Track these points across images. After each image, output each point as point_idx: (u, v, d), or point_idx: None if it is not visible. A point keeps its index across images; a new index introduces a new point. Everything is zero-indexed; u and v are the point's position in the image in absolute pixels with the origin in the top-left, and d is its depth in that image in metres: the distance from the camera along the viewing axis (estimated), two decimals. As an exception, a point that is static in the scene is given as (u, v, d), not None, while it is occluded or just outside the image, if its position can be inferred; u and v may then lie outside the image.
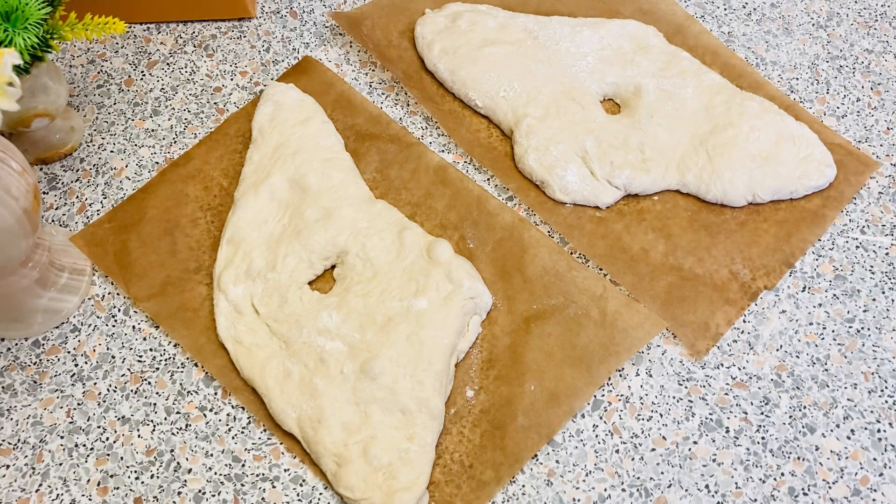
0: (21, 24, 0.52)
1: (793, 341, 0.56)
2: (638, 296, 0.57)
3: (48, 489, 0.51)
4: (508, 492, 0.51)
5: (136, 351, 0.56)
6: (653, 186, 0.60)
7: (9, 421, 0.53)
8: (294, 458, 0.52)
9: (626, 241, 0.59)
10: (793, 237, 0.59)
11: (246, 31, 0.70)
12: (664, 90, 0.64)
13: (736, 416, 0.53)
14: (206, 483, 0.51)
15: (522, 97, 0.63)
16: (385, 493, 0.48)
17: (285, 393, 0.51)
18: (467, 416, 0.53)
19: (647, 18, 0.70)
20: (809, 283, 0.58)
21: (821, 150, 0.62)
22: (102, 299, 0.58)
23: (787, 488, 0.51)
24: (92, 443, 0.52)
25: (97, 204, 0.61)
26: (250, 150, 0.61)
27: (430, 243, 0.56)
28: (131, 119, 0.65)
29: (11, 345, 0.56)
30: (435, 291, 0.54)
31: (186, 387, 0.54)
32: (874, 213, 0.61)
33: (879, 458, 0.52)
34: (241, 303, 0.55)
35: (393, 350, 0.52)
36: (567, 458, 0.52)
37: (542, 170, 0.60)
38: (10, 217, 0.46)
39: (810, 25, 0.71)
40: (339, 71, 0.68)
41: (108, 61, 0.69)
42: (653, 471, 0.52)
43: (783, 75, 0.68)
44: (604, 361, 0.53)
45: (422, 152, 0.62)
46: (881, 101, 0.67)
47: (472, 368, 0.54)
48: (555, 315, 0.55)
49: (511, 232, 0.58)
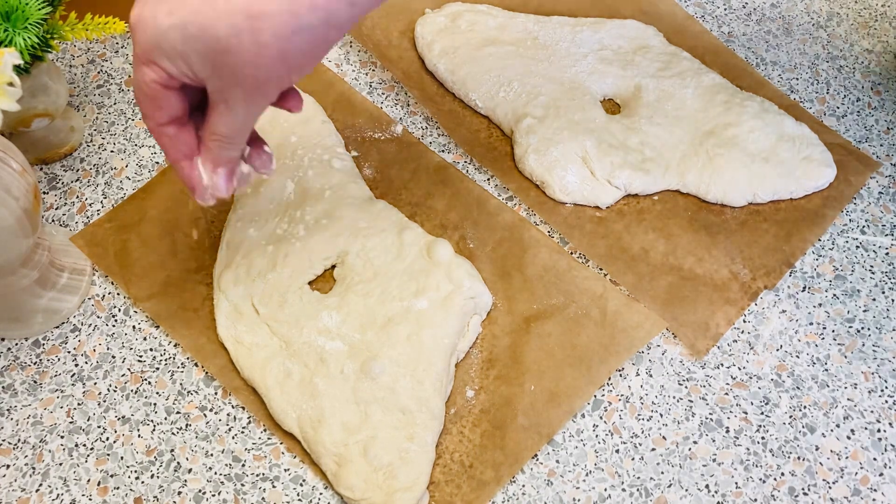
0: (21, 24, 0.52)
1: (793, 341, 0.56)
2: (638, 296, 0.57)
3: (48, 489, 0.51)
4: (508, 492, 0.51)
5: (137, 351, 0.56)
6: (653, 186, 0.60)
7: (9, 421, 0.53)
8: (294, 458, 0.52)
9: (626, 241, 0.59)
10: (793, 237, 0.59)
11: (246, 31, 0.70)
12: (664, 90, 0.64)
13: (736, 416, 0.53)
14: (206, 483, 0.51)
15: (522, 97, 0.63)
16: (385, 493, 0.48)
17: (285, 393, 0.51)
18: (467, 416, 0.53)
19: (647, 18, 0.70)
20: (809, 283, 0.58)
21: (821, 150, 0.62)
22: (102, 299, 0.58)
23: (787, 488, 0.51)
24: (92, 443, 0.52)
25: (97, 204, 0.61)
26: (250, 150, 0.61)
27: (431, 243, 0.56)
28: (131, 119, 0.65)
29: (11, 345, 0.56)
30: (435, 291, 0.54)
31: (186, 387, 0.54)
32: (874, 213, 0.61)
33: (879, 458, 0.52)
34: (241, 303, 0.55)
35: (393, 350, 0.52)
36: (567, 457, 0.52)
37: (542, 170, 0.60)
38: (10, 217, 0.46)
39: (810, 25, 0.71)
40: (339, 71, 0.68)
41: (108, 61, 0.69)
42: (653, 471, 0.52)
43: (783, 75, 0.68)
44: (604, 361, 0.53)
45: (422, 152, 0.62)
46: (881, 101, 0.67)
47: (472, 368, 0.54)
48: (555, 315, 0.55)
49: (511, 232, 0.58)
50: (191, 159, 0.44)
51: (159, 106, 0.41)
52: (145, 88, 0.40)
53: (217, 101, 0.40)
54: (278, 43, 0.37)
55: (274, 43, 0.37)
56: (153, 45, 0.38)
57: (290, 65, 0.38)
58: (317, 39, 0.38)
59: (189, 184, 0.45)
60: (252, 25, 0.36)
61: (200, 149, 0.44)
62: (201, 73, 0.38)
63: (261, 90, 0.39)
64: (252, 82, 0.38)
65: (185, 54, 0.38)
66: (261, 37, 0.36)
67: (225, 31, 0.36)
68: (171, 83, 0.40)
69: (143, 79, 0.40)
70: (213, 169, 0.44)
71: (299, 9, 0.36)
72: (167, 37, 0.37)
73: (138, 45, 0.39)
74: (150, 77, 0.39)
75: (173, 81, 0.40)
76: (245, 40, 0.36)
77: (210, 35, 0.36)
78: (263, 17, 0.36)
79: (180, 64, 0.38)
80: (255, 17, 0.36)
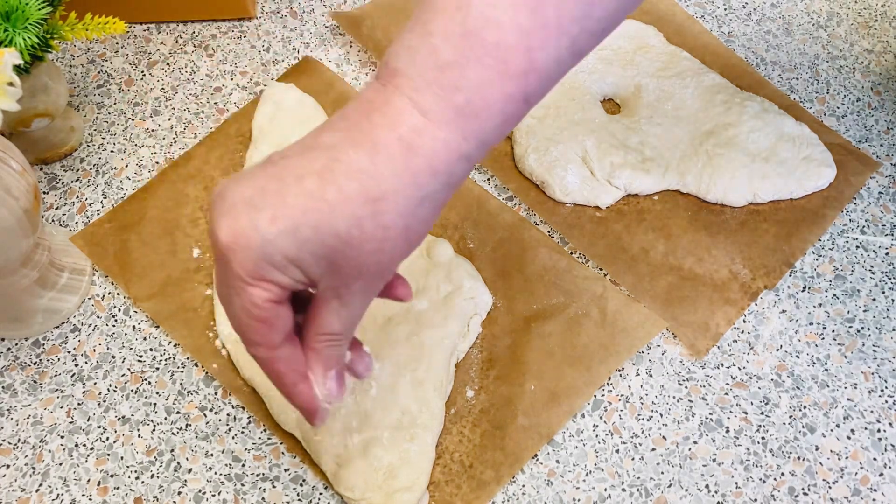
0: (21, 24, 0.52)
1: (793, 341, 0.56)
2: (638, 296, 0.57)
3: (48, 489, 0.51)
4: (508, 492, 0.51)
5: (137, 351, 0.56)
6: (653, 186, 0.60)
7: (9, 421, 0.53)
8: (294, 458, 0.52)
9: (626, 241, 0.59)
10: (793, 237, 0.59)
11: (246, 31, 0.70)
12: (664, 90, 0.64)
13: (736, 416, 0.53)
14: (206, 483, 0.51)
15: (522, 97, 0.63)
16: (385, 493, 0.48)
17: (285, 393, 0.51)
18: (467, 416, 0.53)
19: (647, 18, 0.70)
20: (809, 283, 0.58)
21: (821, 150, 0.62)
22: (102, 299, 0.58)
23: (787, 488, 0.51)
24: (92, 443, 0.52)
25: (97, 204, 0.61)
26: (250, 149, 0.61)
27: (430, 243, 0.56)
28: (131, 119, 0.65)
29: (11, 345, 0.56)
30: (435, 291, 0.54)
31: (186, 387, 0.54)
32: (874, 213, 0.61)
33: (879, 458, 0.52)
34: (241, 303, 0.55)
35: (393, 350, 0.52)
36: (567, 457, 0.52)
37: (542, 170, 0.60)
38: (10, 217, 0.46)
39: (810, 25, 0.71)
40: (339, 71, 0.68)
41: (108, 61, 0.69)
42: (653, 471, 0.52)
43: (783, 75, 0.68)
44: (604, 361, 0.53)
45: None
46: (881, 101, 0.67)
47: (472, 368, 0.54)
48: (555, 315, 0.55)
49: (511, 232, 0.58)
50: (307, 378, 0.38)
51: (273, 327, 0.35)
52: (256, 312, 0.34)
53: (329, 298, 0.35)
54: (403, 220, 0.33)
55: (399, 222, 0.33)
56: (261, 260, 0.33)
57: (411, 239, 0.35)
58: (438, 205, 0.34)
59: (310, 407, 0.38)
60: (374, 209, 0.32)
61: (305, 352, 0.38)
62: (315, 275, 0.34)
63: (382, 275, 0.35)
64: (374, 269, 0.34)
65: (299, 260, 0.33)
66: (385, 219, 0.33)
67: (345, 224, 0.32)
68: (283, 297, 0.35)
69: (253, 301, 0.34)
70: (324, 373, 0.38)
71: (420, 179, 0.33)
72: (276, 246, 0.32)
73: (240, 264, 0.33)
74: (263, 297, 0.34)
75: (285, 294, 0.34)
76: (367, 227, 0.32)
77: (327, 232, 0.32)
78: (386, 198, 0.32)
79: (294, 272, 0.33)
80: (376, 200, 0.32)
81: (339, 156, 0.33)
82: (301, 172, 0.33)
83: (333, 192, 0.32)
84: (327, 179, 0.32)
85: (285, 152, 0.34)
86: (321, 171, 0.32)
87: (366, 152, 0.32)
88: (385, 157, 0.32)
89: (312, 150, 0.33)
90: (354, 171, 0.32)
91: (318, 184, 0.32)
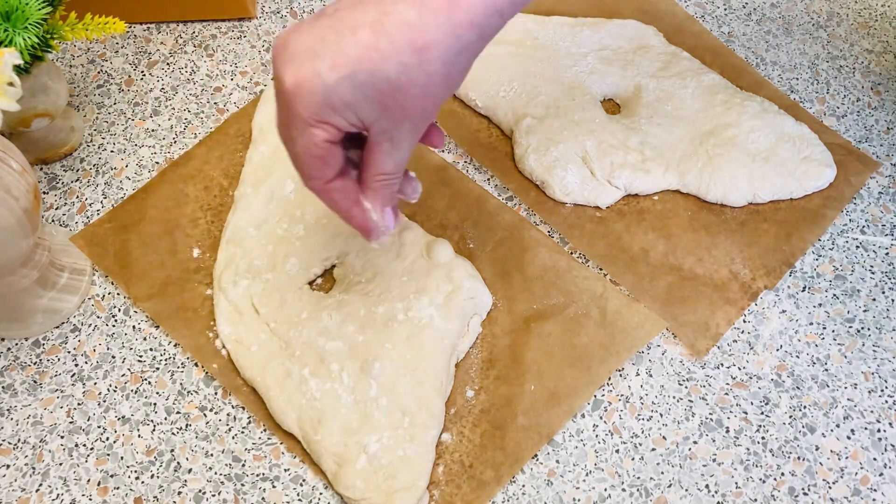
0: (21, 24, 0.52)
1: (793, 341, 0.56)
2: (638, 296, 0.57)
3: (48, 489, 0.51)
4: (508, 492, 0.51)
5: (137, 351, 0.56)
6: (653, 186, 0.60)
7: (9, 421, 0.53)
8: (294, 457, 0.52)
9: (626, 241, 0.59)
10: (793, 237, 0.59)
11: (246, 31, 0.70)
12: (664, 90, 0.64)
13: (736, 416, 0.53)
14: (206, 483, 0.51)
15: (522, 97, 0.63)
16: (385, 493, 0.48)
17: (285, 393, 0.51)
18: (467, 416, 0.53)
19: (647, 18, 0.70)
20: (809, 283, 0.58)
21: (821, 150, 0.62)
22: (102, 299, 0.58)
23: (787, 488, 0.51)
24: (92, 443, 0.52)
25: (97, 204, 0.61)
26: (250, 150, 0.61)
27: (431, 243, 0.56)
28: (131, 119, 0.65)
29: (11, 345, 0.56)
30: (435, 291, 0.54)
31: (186, 387, 0.54)
32: (874, 213, 0.61)
33: (879, 458, 0.52)
34: (241, 303, 0.55)
35: (393, 350, 0.52)
36: (567, 457, 0.52)
37: (542, 170, 0.60)
38: (10, 217, 0.46)
39: (810, 25, 0.71)
40: (339, 71, 0.68)
41: (108, 61, 0.69)
42: (653, 471, 0.52)
43: (783, 75, 0.68)
44: (604, 361, 0.53)
45: (422, 152, 0.62)
46: (881, 101, 0.67)
47: (472, 368, 0.54)
48: (555, 315, 0.55)
49: (511, 232, 0.58)
50: (359, 204, 0.43)
51: (327, 164, 0.40)
52: (315, 150, 0.39)
53: (381, 141, 0.40)
54: (445, 68, 0.37)
55: (441, 69, 0.37)
56: (322, 103, 0.37)
57: (451, 84, 0.39)
58: (473, 55, 0.38)
59: (365, 227, 0.44)
60: (420, 58, 0.36)
61: (364, 191, 0.43)
62: (368, 119, 0.38)
63: (425, 117, 0.39)
64: (420, 113, 0.39)
65: (355, 104, 0.37)
66: (429, 67, 0.37)
67: (395, 70, 0.36)
68: (338, 137, 0.39)
69: (314, 140, 0.38)
70: (382, 209, 0.43)
71: (459, 30, 0.37)
72: (337, 91, 0.36)
73: (304, 107, 0.37)
74: (322, 137, 0.38)
75: (339, 135, 0.39)
76: (414, 74, 0.37)
77: (380, 78, 0.36)
78: (430, 48, 0.36)
79: (350, 115, 0.38)
80: (422, 49, 0.36)
81: (389, 9, 0.36)
82: (355, 24, 0.36)
83: (385, 43, 0.36)
84: (379, 31, 0.36)
85: (338, 5, 0.38)
86: (373, 23, 0.36)
87: (413, 6, 0.36)
88: (430, 11, 0.36)
89: (363, 3, 0.37)
90: (403, 23, 0.36)
91: (371, 35, 0.36)
